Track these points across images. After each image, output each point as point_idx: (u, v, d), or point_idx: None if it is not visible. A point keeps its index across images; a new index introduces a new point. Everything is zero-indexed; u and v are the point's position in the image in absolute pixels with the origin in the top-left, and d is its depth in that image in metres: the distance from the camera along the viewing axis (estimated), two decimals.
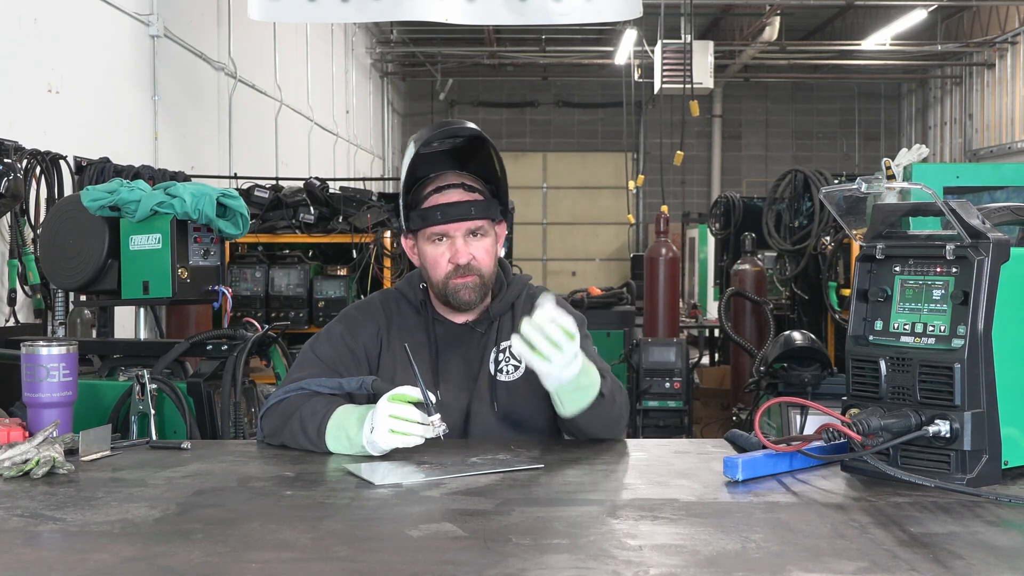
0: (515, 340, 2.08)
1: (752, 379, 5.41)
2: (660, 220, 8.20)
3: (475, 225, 2.35)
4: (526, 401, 2.35)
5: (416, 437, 2.05)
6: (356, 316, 2.47)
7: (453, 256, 2.34)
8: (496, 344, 2.42)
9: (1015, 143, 14.99)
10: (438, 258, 2.36)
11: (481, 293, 2.38)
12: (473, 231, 2.35)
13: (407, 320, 2.45)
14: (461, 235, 2.34)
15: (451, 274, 2.35)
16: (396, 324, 2.44)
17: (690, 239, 15.93)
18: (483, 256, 2.36)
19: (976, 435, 1.81)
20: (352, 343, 2.40)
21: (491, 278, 2.40)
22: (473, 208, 2.34)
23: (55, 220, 3.48)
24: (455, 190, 2.35)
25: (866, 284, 1.99)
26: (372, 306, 2.48)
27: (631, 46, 14.84)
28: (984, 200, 4.54)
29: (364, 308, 2.49)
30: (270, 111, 10.56)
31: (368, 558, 1.47)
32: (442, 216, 2.33)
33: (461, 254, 2.34)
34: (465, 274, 2.35)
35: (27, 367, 2.22)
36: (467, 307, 2.38)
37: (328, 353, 2.39)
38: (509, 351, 2.40)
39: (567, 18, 6.10)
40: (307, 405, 2.22)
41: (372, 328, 2.43)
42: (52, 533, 1.61)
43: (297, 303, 6.38)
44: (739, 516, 1.68)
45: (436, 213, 2.34)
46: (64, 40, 5.94)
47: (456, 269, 2.34)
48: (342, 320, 2.47)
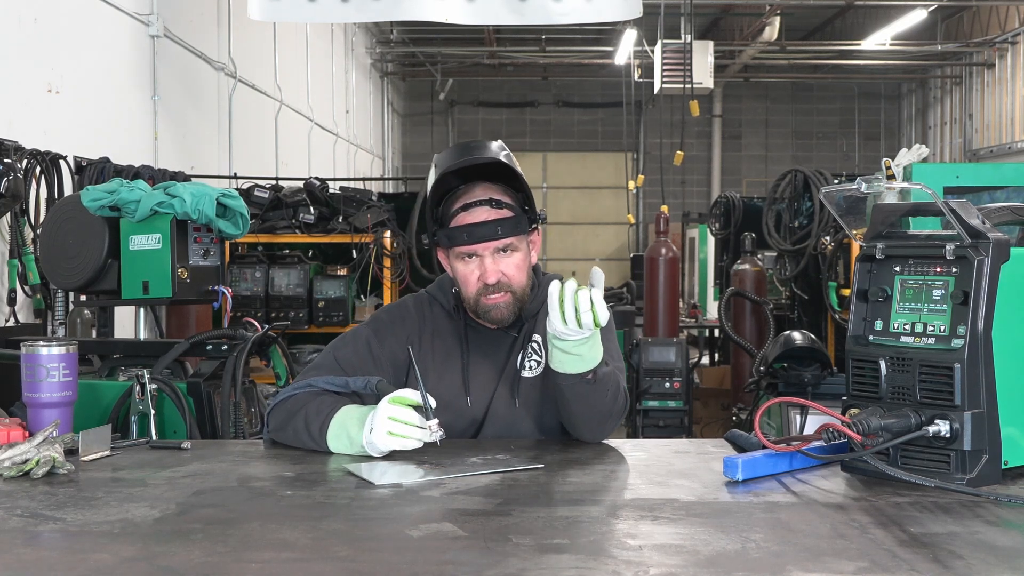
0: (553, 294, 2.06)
1: (752, 379, 5.41)
2: (660, 220, 8.20)
3: (503, 244, 2.32)
4: (547, 396, 2.34)
5: (413, 440, 2.05)
6: (387, 322, 2.44)
7: (482, 275, 2.32)
8: (524, 344, 2.41)
9: (1015, 143, 14.99)
10: (468, 276, 2.34)
11: (515, 309, 2.36)
12: (502, 248, 2.32)
13: (440, 324, 2.43)
14: (490, 254, 2.31)
15: (482, 292, 2.33)
16: (428, 329, 2.42)
17: (690, 239, 15.93)
18: (514, 272, 2.34)
19: (976, 435, 1.81)
20: (378, 350, 2.38)
21: (525, 291, 2.37)
22: (500, 228, 2.30)
23: (55, 220, 3.48)
24: (482, 208, 2.31)
25: (866, 284, 1.99)
26: (405, 311, 2.46)
27: (631, 46, 14.83)
28: (984, 200, 4.54)
29: (396, 313, 2.46)
30: (270, 111, 10.56)
31: (368, 558, 1.47)
32: (468, 237, 2.30)
33: (490, 273, 2.31)
34: (496, 292, 2.32)
35: (27, 367, 2.22)
36: (501, 324, 2.37)
37: (349, 358, 2.37)
38: (532, 347, 2.39)
39: (567, 18, 6.09)
40: (313, 403, 2.21)
41: (402, 334, 2.41)
42: (52, 533, 1.61)
43: (297, 303, 6.39)
44: (739, 516, 1.68)
45: (463, 234, 2.31)
46: (64, 40, 5.94)
47: (486, 287, 2.32)
48: (372, 324, 2.45)
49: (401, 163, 20.13)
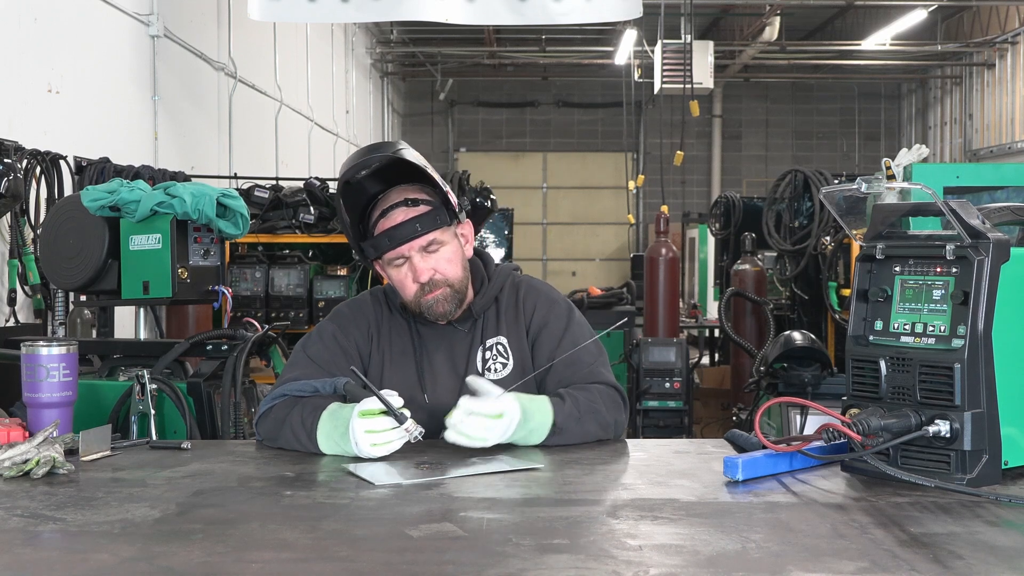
0: (447, 436, 2.09)
1: (752, 379, 5.41)
2: (660, 220, 8.19)
3: (425, 240, 2.32)
4: None
5: (397, 443, 2.07)
6: (348, 314, 2.47)
7: (415, 276, 2.33)
8: (482, 342, 2.42)
9: (1015, 143, 14.99)
10: (403, 280, 2.35)
11: (455, 302, 2.37)
12: (426, 246, 2.32)
13: (394, 321, 2.45)
14: (417, 253, 2.32)
15: (419, 292, 2.34)
16: (385, 324, 2.45)
17: (690, 239, 15.93)
18: (445, 266, 2.34)
19: (976, 435, 1.81)
20: (344, 342, 2.41)
21: (463, 283, 2.38)
22: (419, 224, 2.30)
23: (55, 220, 3.48)
24: (399, 209, 2.32)
25: (866, 284, 1.99)
26: (363, 304, 2.48)
27: (631, 46, 14.83)
28: (984, 200, 4.54)
29: (355, 306, 2.49)
30: (270, 111, 10.56)
31: (368, 558, 1.47)
32: (390, 241, 2.31)
33: (421, 272, 2.32)
34: (432, 289, 2.33)
35: (27, 367, 2.22)
36: (443, 319, 2.38)
37: (320, 353, 2.39)
38: (496, 348, 2.41)
39: (567, 18, 6.10)
40: (292, 414, 2.21)
41: (363, 325, 2.43)
42: (52, 533, 1.61)
43: (297, 303, 6.38)
44: (739, 516, 1.68)
45: (384, 240, 2.31)
46: (64, 40, 5.94)
47: (422, 287, 2.33)
48: (334, 319, 2.47)
49: None
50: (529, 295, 2.47)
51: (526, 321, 2.44)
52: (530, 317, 2.44)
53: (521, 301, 2.46)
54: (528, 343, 2.42)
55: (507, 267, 2.54)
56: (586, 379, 2.34)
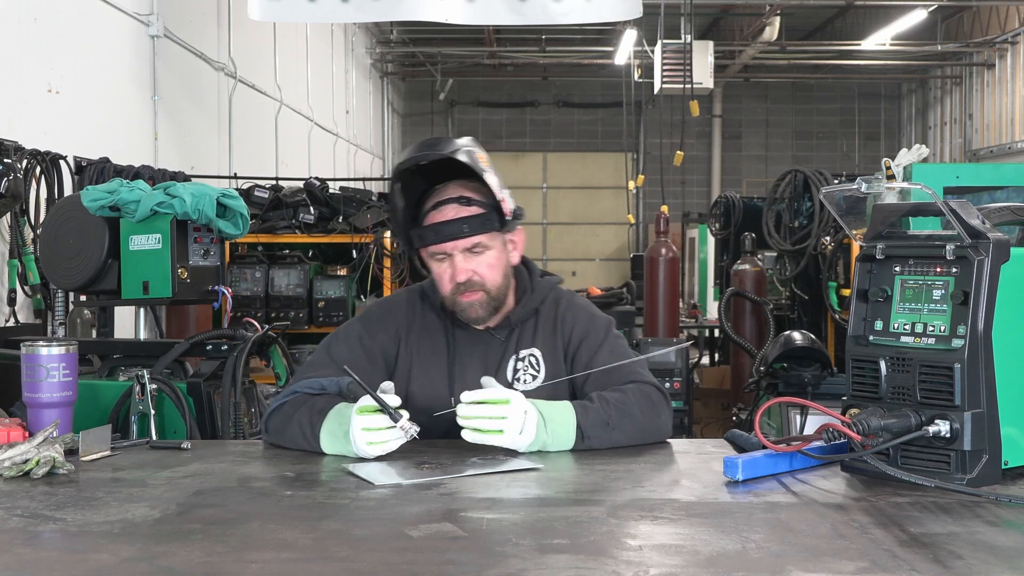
0: (465, 435, 2.08)
1: (752, 379, 5.41)
2: (660, 220, 8.19)
3: (470, 243, 2.31)
4: None
5: (393, 442, 2.06)
6: (377, 313, 2.46)
7: (453, 274, 2.32)
8: (516, 352, 2.40)
9: (1015, 143, 14.99)
10: (441, 275, 2.34)
11: (490, 308, 2.36)
12: (470, 248, 2.31)
13: (428, 320, 2.44)
14: (460, 252, 2.31)
15: (455, 290, 2.33)
16: (417, 324, 2.43)
17: (690, 239, 15.92)
18: (485, 271, 2.33)
19: (976, 435, 1.81)
20: (369, 343, 2.40)
21: (501, 291, 2.37)
22: (466, 225, 2.29)
23: (55, 220, 3.48)
24: (451, 205, 2.31)
25: (866, 284, 1.99)
26: (396, 303, 2.48)
27: (631, 46, 14.83)
28: (984, 200, 4.54)
29: (387, 305, 2.48)
30: (270, 111, 10.56)
31: (368, 558, 1.47)
32: (436, 236, 2.31)
33: (460, 272, 2.31)
34: (468, 291, 2.32)
35: (27, 367, 2.22)
36: (476, 323, 2.37)
37: (343, 354, 2.37)
38: (529, 360, 2.39)
39: (567, 18, 6.10)
40: (300, 412, 2.21)
41: (392, 326, 2.42)
42: (52, 533, 1.61)
43: (297, 303, 6.38)
44: (739, 516, 1.68)
45: (431, 233, 2.31)
46: (64, 40, 5.93)
47: (458, 286, 2.32)
48: (363, 319, 2.47)
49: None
50: (569, 310, 2.45)
51: (564, 336, 2.42)
52: (569, 332, 2.42)
53: (561, 315, 2.44)
54: (565, 358, 2.40)
55: (551, 280, 2.51)
56: (622, 380, 2.32)
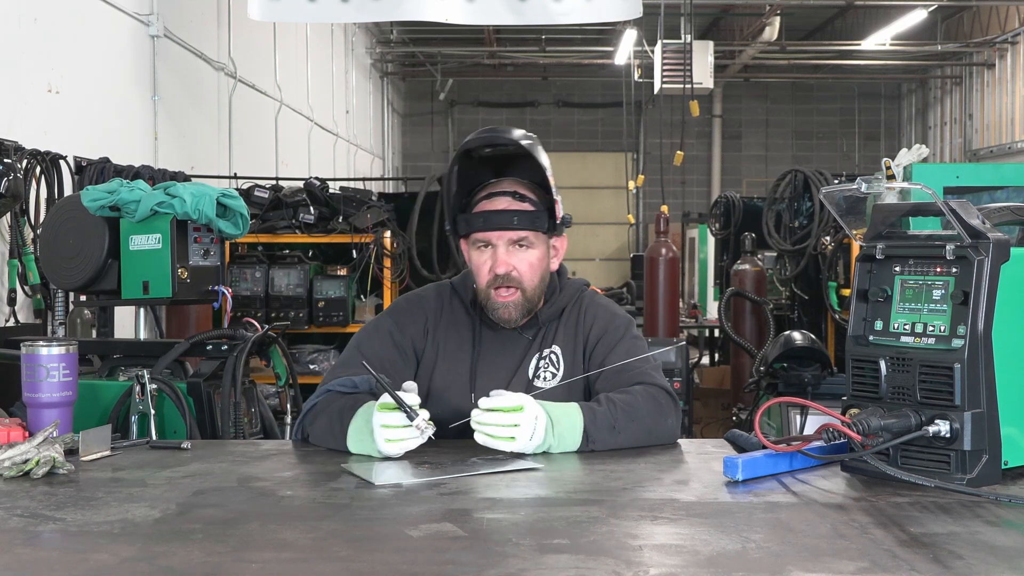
0: (478, 438, 2.09)
1: (752, 379, 5.41)
2: (660, 220, 8.19)
3: (518, 235, 2.32)
4: None
5: (411, 441, 2.06)
6: (405, 308, 2.47)
7: (494, 265, 2.32)
8: (539, 350, 2.41)
9: (1015, 143, 14.98)
10: (481, 265, 2.35)
11: (523, 311, 2.36)
12: (517, 241, 2.32)
13: (456, 316, 2.44)
14: (504, 244, 2.32)
15: (492, 283, 2.33)
16: (445, 319, 2.44)
17: (690, 239, 15.92)
18: (525, 269, 2.33)
19: (976, 435, 1.81)
20: (400, 338, 2.40)
21: (536, 294, 2.37)
22: (516, 218, 2.31)
23: (55, 220, 3.48)
24: (504, 198, 2.33)
25: (866, 284, 1.99)
26: (424, 298, 2.48)
27: (631, 46, 14.83)
28: (984, 200, 4.54)
29: (415, 299, 2.49)
30: (270, 111, 10.56)
31: (368, 558, 1.47)
32: (484, 223, 2.32)
33: (500, 263, 2.31)
34: (506, 286, 2.32)
35: (27, 367, 2.22)
36: (507, 325, 2.37)
37: (375, 351, 2.37)
38: (550, 357, 2.40)
39: (567, 18, 6.09)
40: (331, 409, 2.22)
41: (420, 320, 2.43)
42: (52, 533, 1.61)
43: (297, 303, 6.38)
44: (739, 516, 1.68)
45: (479, 219, 2.32)
46: (64, 40, 5.93)
47: (496, 279, 2.33)
48: (391, 313, 2.47)
49: (401, 163, 20.12)
50: (591, 308, 2.46)
51: (584, 333, 2.43)
52: (588, 329, 2.43)
53: (582, 313, 2.45)
54: (584, 355, 2.41)
55: (578, 281, 2.53)
56: (631, 382, 2.32)
